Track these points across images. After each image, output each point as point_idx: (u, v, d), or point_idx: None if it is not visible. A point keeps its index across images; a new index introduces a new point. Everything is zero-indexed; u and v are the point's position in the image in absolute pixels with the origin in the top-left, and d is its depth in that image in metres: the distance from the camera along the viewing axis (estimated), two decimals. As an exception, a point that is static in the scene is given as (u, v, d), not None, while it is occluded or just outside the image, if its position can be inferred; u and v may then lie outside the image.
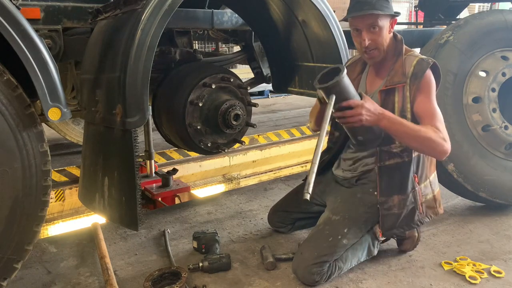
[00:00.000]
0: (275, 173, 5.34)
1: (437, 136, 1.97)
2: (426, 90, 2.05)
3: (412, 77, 2.05)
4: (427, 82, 2.05)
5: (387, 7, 2.05)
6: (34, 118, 1.84)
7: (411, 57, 2.10)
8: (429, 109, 2.05)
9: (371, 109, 1.91)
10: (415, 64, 2.06)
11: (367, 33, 2.06)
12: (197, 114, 2.47)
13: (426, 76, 2.04)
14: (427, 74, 2.04)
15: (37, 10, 2.40)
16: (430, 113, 2.04)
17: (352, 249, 2.16)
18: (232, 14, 2.96)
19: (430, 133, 1.97)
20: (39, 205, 1.90)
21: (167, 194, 3.50)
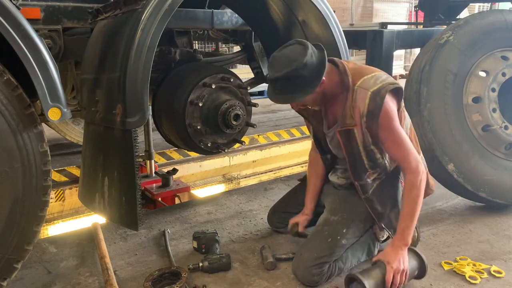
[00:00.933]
0: (275, 173, 5.34)
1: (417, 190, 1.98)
2: (387, 125, 1.96)
3: (368, 115, 1.94)
4: (385, 116, 1.93)
5: (300, 84, 1.87)
6: (34, 118, 1.84)
7: (362, 91, 1.94)
8: (395, 143, 2.00)
9: (399, 264, 1.94)
10: (368, 102, 1.92)
11: (292, 104, 2.09)
12: (197, 114, 2.47)
13: (383, 112, 1.93)
14: (384, 110, 1.92)
15: (37, 10, 2.40)
16: (398, 146, 2.00)
17: (352, 249, 2.16)
18: (232, 14, 2.96)
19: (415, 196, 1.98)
20: (39, 205, 1.90)
21: (167, 194, 3.50)
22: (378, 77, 1.99)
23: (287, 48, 1.93)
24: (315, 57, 1.90)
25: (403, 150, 2.01)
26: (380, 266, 2.01)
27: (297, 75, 1.86)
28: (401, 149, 2.01)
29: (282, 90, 1.91)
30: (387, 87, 1.94)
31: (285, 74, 1.86)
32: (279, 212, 2.60)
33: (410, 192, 2.00)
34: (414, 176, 1.99)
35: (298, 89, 1.90)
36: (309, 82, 1.89)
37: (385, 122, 1.95)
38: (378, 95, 1.92)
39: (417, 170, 1.99)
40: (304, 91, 1.90)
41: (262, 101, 8.53)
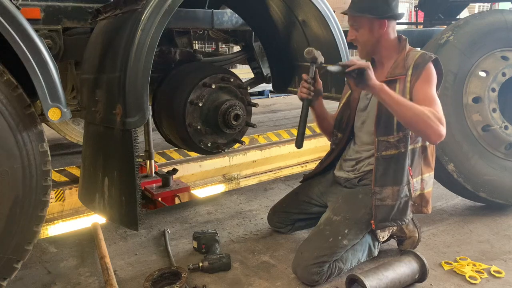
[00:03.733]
0: (275, 173, 5.35)
1: (433, 115, 1.93)
2: (426, 79, 2.06)
3: (413, 68, 2.08)
4: (428, 72, 2.07)
5: (370, 8, 2.09)
6: (34, 118, 1.84)
7: (414, 52, 2.15)
8: (427, 95, 2.02)
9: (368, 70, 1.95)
10: (418, 56, 2.10)
11: (351, 30, 2.20)
12: (197, 114, 2.47)
13: (427, 67, 2.07)
14: (428, 66, 2.07)
15: (37, 10, 2.40)
16: (428, 99, 2.00)
17: (352, 249, 2.16)
18: (232, 14, 2.96)
19: (427, 111, 1.93)
20: (39, 205, 1.90)
21: (167, 194, 3.50)
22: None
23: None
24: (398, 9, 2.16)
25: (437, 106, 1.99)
26: (382, 267, 2.02)
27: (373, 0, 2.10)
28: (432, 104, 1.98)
29: (354, 5, 2.14)
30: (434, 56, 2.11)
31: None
32: (280, 212, 2.60)
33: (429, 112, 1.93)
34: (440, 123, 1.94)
35: (364, 11, 2.10)
36: (380, 11, 2.10)
37: (425, 76, 2.05)
38: (427, 55, 2.10)
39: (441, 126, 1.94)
40: (366, 14, 2.10)
41: (262, 101, 8.53)
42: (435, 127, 1.92)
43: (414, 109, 1.93)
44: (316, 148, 5.60)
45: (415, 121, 1.94)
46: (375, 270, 1.99)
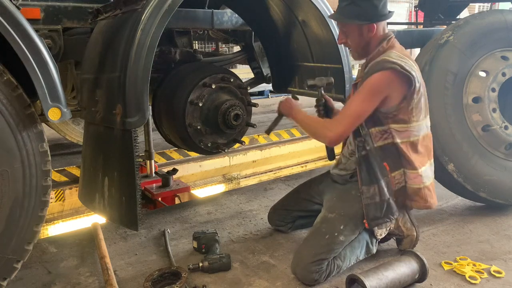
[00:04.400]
0: (275, 173, 5.35)
1: (320, 126, 2.16)
2: (362, 88, 2.08)
3: (366, 74, 2.11)
4: (368, 82, 2.06)
5: (356, 13, 2.09)
6: (34, 118, 1.84)
7: (381, 56, 2.10)
8: (348, 104, 2.13)
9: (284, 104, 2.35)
10: (374, 64, 2.09)
11: (340, 34, 2.23)
12: (197, 114, 2.47)
13: (371, 77, 2.05)
14: (374, 76, 2.04)
15: (37, 10, 2.40)
16: (346, 107, 2.14)
17: (350, 247, 2.16)
18: (232, 14, 2.96)
19: (316, 125, 2.19)
20: (39, 205, 1.90)
21: (167, 194, 3.50)
22: (403, 58, 2.07)
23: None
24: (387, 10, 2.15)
25: (348, 109, 2.10)
26: (382, 267, 2.02)
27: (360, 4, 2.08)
28: (348, 107, 2.10)
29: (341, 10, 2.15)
30: (395, 65, 2.01)
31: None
32: (280, 210, 2.61)
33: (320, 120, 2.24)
34: (330, 125, 2.11)
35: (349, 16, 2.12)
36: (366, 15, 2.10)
37: (363, 86, 2.07)
38: (384, 63, 2.04)
39: (334, 127, 2.09)
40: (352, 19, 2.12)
41: (262, 101, 8.53)
42: (320, 135, 2.16)
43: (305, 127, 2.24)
44: (316, 148, 5.60)
45: (308, 131, 2.27)
46: (375, 270, 1.99)
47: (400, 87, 2.05)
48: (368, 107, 2.06)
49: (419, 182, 2.17)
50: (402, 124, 2.11)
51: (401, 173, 2.17)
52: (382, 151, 2.14)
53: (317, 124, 2.19)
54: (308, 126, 2.22)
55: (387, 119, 2.11)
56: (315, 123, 2.21)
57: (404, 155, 2.14)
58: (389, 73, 2.02)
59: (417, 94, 2.09)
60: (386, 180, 2.14)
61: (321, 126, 2.16)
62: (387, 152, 2.14)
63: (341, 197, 2.27)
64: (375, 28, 2.12)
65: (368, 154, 2.14)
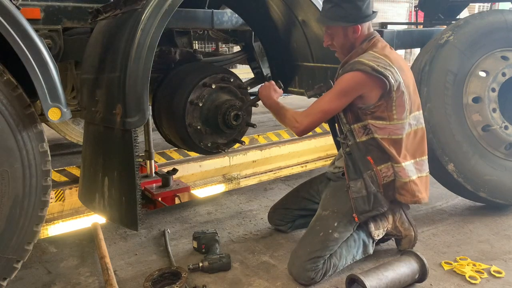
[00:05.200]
0: (275, 173, 5.35)
1: (290, 116, 2.22)
2: (333, 87, 2.14)
3: (338, 74, 2.19)
4: (338, 82, 2.12)
5: (340, 15, 2.12)
6: (34, 118, 1.84)
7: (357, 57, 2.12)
8: (320, 99, 2.18)
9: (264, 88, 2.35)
10: (347, 65, 2.12)
11: (326, 36, 2.26)
12: (197, 114, 2.47)
13: (342, 77, 2.10)
14: (344, 76, 2.09)
15: (37, 10, 2.40)
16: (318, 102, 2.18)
17: (346, 245, 2.17)
18: (232, 14, 2.96)
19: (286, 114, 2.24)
20: (39, 205, 1.90)
21: (167, 194, 3.50)
22: (378, 58, 2.08)
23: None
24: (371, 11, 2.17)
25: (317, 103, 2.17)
26: (382, 267, 2.02)
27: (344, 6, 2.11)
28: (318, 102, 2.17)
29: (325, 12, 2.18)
30: (366, 67, 2.03)
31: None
32: (280, 209, 2.61)
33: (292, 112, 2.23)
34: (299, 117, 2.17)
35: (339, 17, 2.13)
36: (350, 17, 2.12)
37: (336, 83, 2.14)
38: (353, 65, 2.08)
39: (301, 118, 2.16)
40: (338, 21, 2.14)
41: (262, 101, 8.52)
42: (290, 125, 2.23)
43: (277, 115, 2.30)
44: (316, 148, 5.60)
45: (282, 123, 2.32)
46: (375, 270, 1.99)
47: (375, 87, 2.06)
48: (336, 106, 2.12)
49: (405, 176, 2.17)
50: (381, 121, 2.12)
51: (388, 166, 2.16)
52: (365, 146, 2.15)
53: (288, 114, 2.23)
54: (279, 115, 2.27)
55: (365, 115, 2.13)
56: (286, 112, 2.25)
57: (385, 149, 2.15)
58: (359, 74, 2.05)
59: (396, 93, 2.07)
60: (370, 174, 2.14)
61: (290, 116, 2.21)
62: (370, 146, 2.15)
63: (334, 194, 2.29)
64: (359, 29, 2.15)
65: (351, 149, 2.16)
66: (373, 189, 2.13)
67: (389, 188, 2.18)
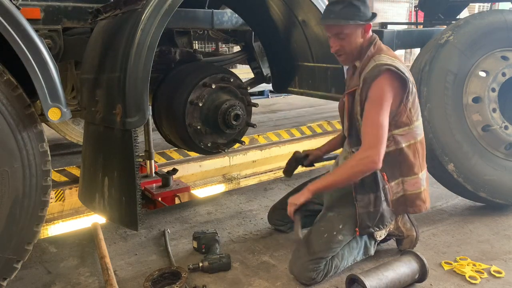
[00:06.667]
0: (275, 173, 5.34)
1: (355, 161, 2.04)
2: (373, 99, 2.03)
3: (363, 81, 2.06)
4: (375, 90, 2.02)
5: (355, 14, 2.05)
6: (34, 118, 1.84)
7: (372, 62, 2.08)
8: (369, 118, 2.04)
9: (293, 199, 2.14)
10: (369, 70, 2.06)
11: (334, 40, 2.13)
12: (197, 114, 2.47)
13: (375, 84, 2.02)
14: (376, 82, 2.01)
15: (37, 10, 2.40)
16: (370, 122, 2.04)
17: (348, 247, 2.16)
18: (232, 14, 2.97)
19: (348, 165, 2.06)
20: (39, 205, 1.90)
21: (167, 194, 3.50)
22: (394, 60, 2.07)
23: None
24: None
25: (370, 126, 2.02)
26: (382, 267, 2.01)
27: (356, 5, 2.05)
28: (369, 124, 2.03)
29: (338, 13, 2.06)
30: (391, 67, 2.01)
31: None
32: (280, 210, 2.60)
33: (352, 160, 2.06)
34: (365, 154, 2.01)
35: (352, 17, 2.05)
36: (362, 17, 2.07)
37: (373, 91, 2.02)
38: (379, 67, 2.03)
39: (370, 151, 2.00)
40: (356, 21, 2.06)
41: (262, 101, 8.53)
42: (362, 169, 2.03)
43: (341, 176, 2.08)
44: (316, 148, 5.59)
45: (348, 181, 2.09)
46: (375, 270, 1.99)
47: (397, 88, 2.06)
48: (387, 115, 2.03)
49: (420, 186, 2.20)
50: (404, 128, 2.12)
51: (398, 183, 2.18)
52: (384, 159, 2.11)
53: (350, 168, 2.05)
54: (341, 179, 2.07)
55: (389, 127, 2.08)
56: (346, 170, 2.06)
57: (406, 160, 2.15)
58: (388, 75, 2.02)
59: (411, 95, 2.10)
60: (384, 190, 2.14)
61: (356, 164, 2.03)
62: (386, 161, 2.11)
63: (341, 196, 2.26)
64: (370, 28, 2.13)
65: None
66: (381, 208, 2.12)
67: (398, 203, 2.20)
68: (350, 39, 2.10)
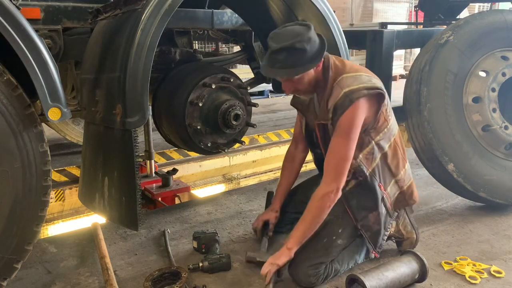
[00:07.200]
0: (275, 173, 5.34)
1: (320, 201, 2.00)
2: (341, 129, 1.98)
3: (333, 112, 1.99)
4: (345, 121, 1.96)
5: (301, 58, 1.91)
6: (34, 118, 1.84)
7: (337, 89, 1.99)
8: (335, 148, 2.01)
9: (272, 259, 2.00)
10: (338, 100, 1.97)
11: (285, 84, 2.05)
12: (197, 114, 2.47)
13: (345, 115, 1.95)
14: (347, 113, 1.95)
15: (37, 10, 2.40)
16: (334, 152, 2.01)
17: (348, 250, 2.16)
18: (232, 14, 2.97)
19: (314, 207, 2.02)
20: (39, 205, 1.90)
21: (167, 194, 3.50)
22: (358, 77, 2.02)
23: (289, 26, 1.99)
24: (316, 36, 1.98)
25: (338, 158, 1.99)
26: (382, 267, 2.01)
27: (302, 48, 1.90)
28: (337, 155, 1.99)
29: (283, 63, 1.92)
30: (362, 91, 1.96)
31: (291, 45, 1.88)
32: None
33: (318, 200, 2.01)
34: (329, 189, 1.99)
35: (299, 63, 1.92)
36: (310, 58, 1.93)
37: (343, 123, 1.97)
38: (349, 96, 1.95)
39: (334, 185, 1.99)
40: (305, 66, 1.94)
41: (262, 101, 8.53)
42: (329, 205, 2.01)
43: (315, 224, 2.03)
44: (316, 148, 5.59)
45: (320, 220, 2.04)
46: (375, 270, 1.99)
47: (373, 104, 2.04)
48: (354, 145, 1.99)
49: (409, 178, 2.25)
50: (384, 130, 2.12)
51: (392, 185, 2.20)
52: (376, 172, 2.12)
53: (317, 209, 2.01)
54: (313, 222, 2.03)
55: (369, 134, 2.08)
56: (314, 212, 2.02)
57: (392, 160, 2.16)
58: (360, 103, 1.96)
59: (385, 102, 2.08)
60: (383, 200, 2.15)
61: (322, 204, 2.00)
62: (378, 172, 2.12)
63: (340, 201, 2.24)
64: (321, 63, 2.02)
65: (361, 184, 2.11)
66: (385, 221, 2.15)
67: (398, 201, 2.22)
68: (302, 80, 2.00)
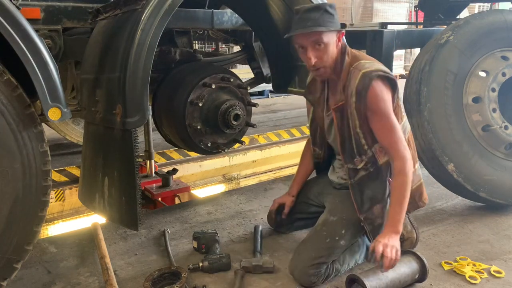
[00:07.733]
0: (275, 173, 5.35)
1: (406, 175, 1.99)
2: (375, 106, 1.97)
3: (357, 95, 1.97)
4: (374, 98, 1.96)
5: (331, 21, 1.95)
6: (34, 118, 1.84)
7: (355, 72, 1.99)
8: (384, 128, 2.01)
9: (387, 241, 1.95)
10: (358, 81, 1.97)
11: (312, 51, 1.98)
12: (197, 114, 2.47)
13: (370, 94, 1.95)
14: (371, 91, 1.95)
15: (37, 10, 2.40)
16: (387, 131, 2.01)
17: (350, 251, 2.16)
18: (232, 14, 2.96)
19: (403, 182, 1.99)
20: (39, 205, 1.90)
21: (167, 194, 3.50)
22: (375, 63, 2.04)
23: None
24: None
25: (392, 135, 2.00)
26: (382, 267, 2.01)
27: (331, 13, 1.98)
28: (389, 134, 2.00)
29: (316, 20, 1.94)
30: (378, 72, 1.97)
31: (323, 6, 1.97)
32: (280, 211, 2.60)
33: (398, 178, 2.01)
34: (402, 162, 1.99)
35: (330, 25, 1.96)
36: (337, 24, 2.00)
37: (373, 103, 1.97)
38: (368, 76, 1.96)
39: (404, 156, 1.99)
40: (336, 25, 1.98)
41: (262, 101, 8.53)
42: (410, 175, 2.00)
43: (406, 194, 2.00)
44: (316, 148, 5.59)
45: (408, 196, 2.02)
46: (375, 270, 1.99)
47: (388, 91, 2.03)
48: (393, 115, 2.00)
49: (419, 179, 2.22)
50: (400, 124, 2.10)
51: None
52: (385, 166, 2.09)
53: (407, 183, 1.99)
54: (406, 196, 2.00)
55: None
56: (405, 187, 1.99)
57: None
58: (379, 81, 1.97)
59: (398, 93, 2.08)
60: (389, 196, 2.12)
61: (408, 175, 1.99)
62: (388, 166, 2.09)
63: (344, 201, 2.22)
64: (343, 36, 2.04)
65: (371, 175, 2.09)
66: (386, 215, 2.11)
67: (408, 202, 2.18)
68: (328, 49, 1.97)
